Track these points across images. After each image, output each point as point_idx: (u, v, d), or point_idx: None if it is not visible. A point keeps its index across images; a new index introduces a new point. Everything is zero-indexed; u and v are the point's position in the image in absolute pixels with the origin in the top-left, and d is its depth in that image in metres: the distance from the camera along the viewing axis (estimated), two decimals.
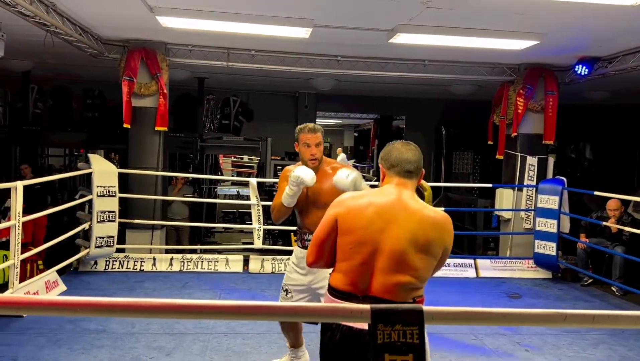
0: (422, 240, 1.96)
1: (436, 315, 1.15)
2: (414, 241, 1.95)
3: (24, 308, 1.34)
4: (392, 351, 1.12)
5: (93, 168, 5.51)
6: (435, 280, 6.52)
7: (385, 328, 1.11)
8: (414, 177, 2.09)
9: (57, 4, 4.99)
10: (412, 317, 1.12)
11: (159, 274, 5.82)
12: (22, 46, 6.55)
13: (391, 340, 1.11)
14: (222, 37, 6.08)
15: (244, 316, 1.14)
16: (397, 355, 1.12)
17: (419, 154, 2.13)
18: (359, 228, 1.99)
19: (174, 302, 1.18)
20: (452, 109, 10.83)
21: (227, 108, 10.38)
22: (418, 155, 2.13)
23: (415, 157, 2.11)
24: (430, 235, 1.98)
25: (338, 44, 6.46)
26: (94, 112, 9.99)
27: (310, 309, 1.17)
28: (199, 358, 3.67)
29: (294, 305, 1.12)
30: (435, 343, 4.00)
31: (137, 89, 6.36)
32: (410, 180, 2.07)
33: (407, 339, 1.12)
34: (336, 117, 16.67)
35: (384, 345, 1.12)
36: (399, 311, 1.12)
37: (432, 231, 1.99)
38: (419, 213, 2.00)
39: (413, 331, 1.12)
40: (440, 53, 6.60)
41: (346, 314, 1.14)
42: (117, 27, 5.97)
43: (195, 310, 1.21)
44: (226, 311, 1.14)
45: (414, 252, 1.94)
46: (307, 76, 8.14)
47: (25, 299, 1.47)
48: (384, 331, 1.12)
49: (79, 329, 4.02)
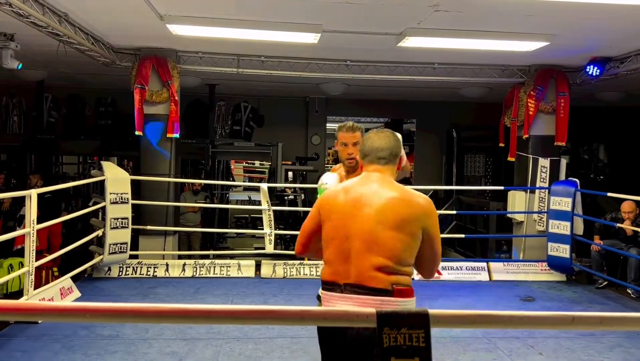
0: (391, 217, 1.95)
1: (442, 318, 1.15)
2: (383, 218, 1.95)
3: (39, 314, 1.36)
4: (398, 355, 1.12)
5: (106, 175, 5.57)
6: (447, 284, 6.51)
7: (391, 331, 1.12)
8: (389, 163, 2.13)
9: (69, 14, 5.07)
10: (418, 320, 1.12)
11: (171, 280, 5.87)
12: (36, 56, 6.66)
13: (397, 344, 1.12)
14: (232, 43, 6.13)
15: (251, 321, 1.16)
16: (403, 359, 1.12)
17: (391, 141, 2.16)
18: (334, 215, 2.04)
19: (185, 307, 1.20)
20: (462, 112, 10.78)
21: (238, 114, 10.43)
22: (390, 142, 2.15)
23: (388, 144, 2.14)
24: (402, 211, 1.97)
25: (347, 49, 6.48)
26: (107, 120, 10.10)
27: (317, 313, 1.18)
28: None
29: (299, 309, 1.13)
30: (448, 347, 3.98)
31: (148, 96, 6.42)
32: (385, 166, 2.11)
33: (413, 342, 1.12)
34: (347, 121, 16.66)
35: (390, 348, 1.12)
36: (404, 315, 1.13)
37: (405, 208, 1.98)
38: (391, 194, 2.01)
39: (419, 334, 1.12)
40: (450, 56, 6.59)
41: (352, 318, 1.15)
42: (129, 35, 6.04)
43: (206, 314, 1.23)
44: (232, 316, 1.16)
45: (383, 229, 1.94)
46: (316, 81, 8.16)
47: (39, 305, 1.50)
48: (390, 334, 1.12)
49: (93, 335, 4.06)
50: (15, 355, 3.69)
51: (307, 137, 11.32)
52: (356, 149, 3.02)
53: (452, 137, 11.45)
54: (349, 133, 3.09)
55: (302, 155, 10.92)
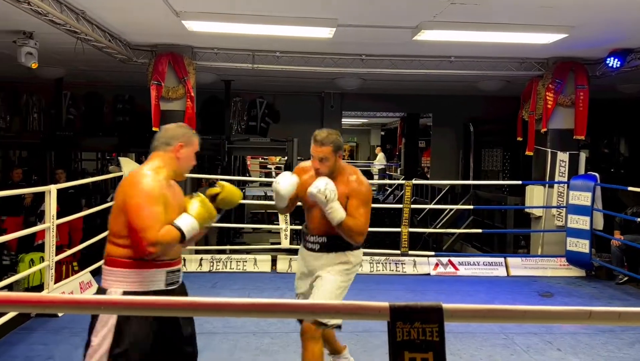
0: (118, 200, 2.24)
1: (456, 312, 1.14)
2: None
3: (59, 306, 1.38)
4: (411, 349, 1.11)
5: (124, 171, 5.63)
6: (463, 279, 6.46)
7: (405, 325, 1.11)
8: (158, 148, 2.35)
9: (86, 12, 5.12)
10: (432, 315, 1.11)
11: (188, 274, 5.86)
12: (54, 54, 6.75)
13: (410, 338, 1.11)
14: (247, 39, 6.14)
15: (265, 314, 1.16)
16: (416, 353, 1.11)
17: (165, 130, 2.41)
18: None
19: (201, 300, 1.20)
20: (480, 105, 10.68)
21: (254, 110, 10.48)
22: (164, 131, 2.40)
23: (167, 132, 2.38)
24: (119, 192, 2.24)
25: (362, 43, 6.45)
26: (125, 117, 10.22)
27: (330, 307, 1.18)
28: (228, 356, 3.72)
29: (312, 303, 1.13)
30: (465, 342, 3.96)
31: (165, 92, 6.47)
32: (154, 152, 2.34)
33: (426, 337, 1.11)
34: (362, 116, 16.65)
35: (403, 342, 1.12)
36: (417, 309, 1.12)
37: (120, 188, 2.25)
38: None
39: (433, 329, 1.12)
40: (466, 49, 6.52)
41: (365, 311, 1.15)
42: (145, 32, 6.09)
43: (222, 307, 1.23)
44: (247, 309, 1.16)
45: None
46: (332, 76, 8.15)
47: (60, 298, 1.52)
48: (403, 328, 1.12)
49: None
50: (36, 348, 3.76)
51: None
52: (323, 166, 2.81)
53: (469, 131, 11.35)
54: (317, 147, 2.81)
55: None
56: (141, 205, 2.12)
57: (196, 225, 2.23)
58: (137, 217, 2.11)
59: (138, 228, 2.11)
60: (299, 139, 9.92)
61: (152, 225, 2.10)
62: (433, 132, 12.16)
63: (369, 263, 6.17)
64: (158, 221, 2.12)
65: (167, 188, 2.25)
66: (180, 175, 2.39)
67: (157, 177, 2.22)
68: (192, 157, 2.38)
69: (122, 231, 2.17)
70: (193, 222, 2.22)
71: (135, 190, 2.15)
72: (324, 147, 2.80)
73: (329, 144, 2.81)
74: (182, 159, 2.33)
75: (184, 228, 2.17)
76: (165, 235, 2.12)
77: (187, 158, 2.35)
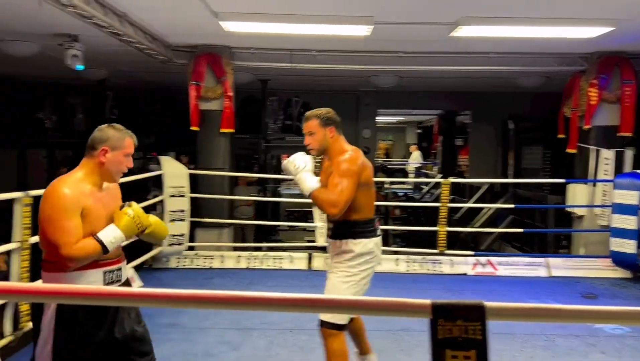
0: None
1: (499, 311, 1.13)
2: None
3: (107, 299, 1.42)
4: (453, 347, 1.11)
5: (164, 169, 5.77)
6: (502, 279, 6.35)
7: (446, 323, 1.11)
8: (86, 153, 2.28)
9: (128, 14, 5.27)
10: (474, 312, 1.10)
11: (227, 271, 6.01)
12: (98, 56, 6.96)
13: (452, 336, 1.11)
14: (284, 39, 6.19)
15: (304, 309, 1.17)
16: (458, 351, 1.11)
17: (95, 132, 2.32)
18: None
19: (241, 294, 1.23)
20: (519, 102, 10.44)
21: (290, 109, 10.55)
22: (94, 133, 2.32)
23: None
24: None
25: (399, 40, 6.41)
26: (165, 116, 10.45)
27: (370, 303, 1.18)
28: (266, 353, 3.76)
29: (352, 299, 1.14)
30: (505, 343, 3.89)
31: (203, 92, 6.59)
32: (83, 157, 2.30)
33: (469, 335, 1.10)
34: (398, 114, 16.53)
35: (445, 340, 1.11)
36: (459, 307, 1.11)
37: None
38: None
39: (475, 327, 1.11)
40: (506, 44, 6.39)
41: (406, 308, 1.15)
42: (185, 33, 6.21)
43: (261, 302, 1.26)
44: (286, 304, 1.18)
45: None
46: (368, 74, 8.12)
47: (108, 291, 1.58)
48: (445, 326, 1.11)
49: (153, 323, 4.19)
50: None
51: (357, 130, 11.30)
52: (312, 139, 2.87)
53: (508, 129, 11.11)
54: (304, 123, 2.91)
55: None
56: (53, 220, 2.10)
57: (119, 235, 2.20)
58: (50, 233, 2.10)
59: (52, 243, 2.10)
60: None
61: (66, 241, 2.08)
62: (471, 129, 11.96)
63: (405, 263, 6.13)
64: (72, 235, 2.09)
65: (87, 196, 2.19)
66: (110, 179, 2.31)
67: (74, 186, 2.16)
68: (120, 160, 2.28)
69: (47, 239, 2.17)
70: (116, 232, 2.19)
71: (48, 205, 2.13)
72: (309, 121, 2.88)
73: (314, 117, 2.87)
74: (108, 163, 2.25)
75: (105, 240, 2.16)
76: (82, 249, 2.12)
77: (114, 163, 2.27)
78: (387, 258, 6.24)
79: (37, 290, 1.36)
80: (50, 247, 2.13)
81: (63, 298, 1.51)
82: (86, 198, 2.18)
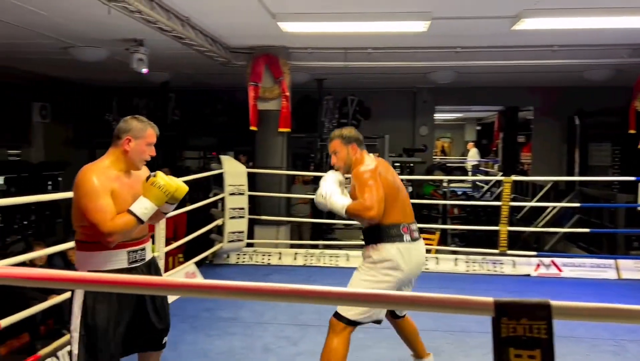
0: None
1: (566, 310, 1.09)
2: None
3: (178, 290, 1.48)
4: (517, 346, 1.08)
5: (224, 168, 5.93)
6: (567, 281, 6.08)
7: (510, 321, 1.09)
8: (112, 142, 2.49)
9: (190, 18, 5.45)
10: (539, 311, 1.07)
11: (284, 267, 6.11)
12: (161, 59, 7.24)
13: (516, 334, 1.08)
14: (340, 37, 6.21)
15: (362, 303, 1.18)
16: (523, 350, 1.08)
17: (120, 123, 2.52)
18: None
19: (301, 287, 1.25)
20: (586, 97, 9.97)
21: (345, 108, 10.56)
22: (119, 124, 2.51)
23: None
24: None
25: (457, 35, 6.28)
26: (224, 117, 10.73)
27: (430, 299, 1.18)
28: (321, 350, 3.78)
29: (411, 295, 1.14)
30: (570, 347, 3.74)
31: (261, 93, 6.72)
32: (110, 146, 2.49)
33: (534, 334, 1.08)
34: (457, 111, 16.18)
35: (508, 338, 1.09)
36: (524, 305, 1.09)
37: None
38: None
39: (540, 326, 1.08)
40: (571, 37, 6.12)
41: (468, 306, 1.13)
42: (243, 35, 6.36)
43: (321, 295, 1.28)
44: (345, 298, 1.19)
45: None
46: (424, 70, 8.01)
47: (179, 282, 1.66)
48: (509, 325, 1.09)
49: (215, 317, 4.35)
50: None
51: (414, 128, 11.16)
52: (336, 158, 3.01)
53: (574, 125, 10.64)
54: (328, 144, 3.08)
55: (409, 147, 10.78)
56: (86, 203, 2.28)
57: (149, 205, 2.36)
58: (88, 214, 2.28)
59: (92, 224, 2.28)
60: (390, 135, 9.87)
61: (101, 219, 2.27)
62: (534, 125, 11.54)
63: (464, 263, 6.01)
64: (106, 212, 2.28)
65: (114, 180, 2.37)
66: (134, 166, 2.49)
67: (100, 172, 2.35)
68: (142, 149, 2.47)
69: (78, 220, 2.37)
70: (145, 202, 2.35)
71: (79, 191, 2.32)
72: (332, 142, 3.03)
73: (336, 138, 3.02)
74: (131, 152, 2.44)
75: (137, 211, 2.33)
76: (117, 224, 2.29)
77: (137, 151, 2.45)
78: (446, 258, 6.14)
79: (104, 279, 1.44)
80: (86, 228, 2.33)
81: (137, 288, 1.59)
82: (112, 182, 2.37)
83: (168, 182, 2.42)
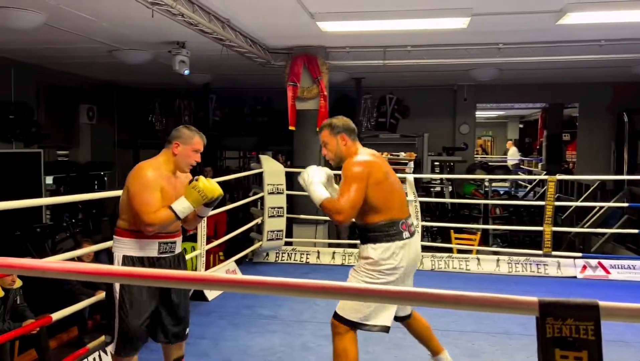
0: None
1: (615, 311, 1.06)
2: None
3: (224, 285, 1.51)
4: (563, 347, 1.05)
5: (264, 168, 5.99)
6: (616, 284, 5.89)
7: (556, 322, 1.06)
8: (165, 145, 2.78)
9: (230, 20, 5.53)
10: (586, 312, 1.04)
11: (322, 266, 6.13)
12: (202, 61, 7.38)
13: (562, 335, 1.05)
14: (378, 36, 6.18)
15: (404, 301, 1.17)
16: (569, 351, 1.05)
17: (173, 131, 2.79)
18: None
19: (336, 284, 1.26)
20: (635, 93, 9.59)
21: (383, 107, 10.50)
22: (173, 131, 2.79)
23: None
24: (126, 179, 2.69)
25: (499, 31, 6.15)
26: (263, 117, 10.84)
27: (474, 298, 1.16)
28: (361, 348, 3.75)
29: (453, 294, 1.12)
30: (617, 352, 3.62)
31: (300, 93, 6.76)
32: (164, 148, 2.79)
33: (580, 335, 1.05)
34: (498, 108, 15.85)
35: (553, 339, 1.06)
36: (570, 305, 1.06)
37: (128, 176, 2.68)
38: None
39: (587, 327, 1.05)
40: (620, 31, 5.90)
41: (511, 305, 1.11)
42: (282, 36, 6.41)
43: (360, 292, 1.28)
44: (386, 296, 1.19)
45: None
46: (465, 68, 7.87)
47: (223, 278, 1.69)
48: (554, 325, 1.06)
49: (255, 314, 4.41)
50: (190, 328, 4.15)
51: (454, 126, 10.98)
52: (326, 150, 2.90)
53: (623, 122, 10.24)
54: (319, 135, 2.98)
55: (449, 145, 10.62)
56: (137, 193, 2.57)
57: (187, 205, 2.61)
58: (135, 203, 2.57)
59: (136, 213, 2.56)
60: (429, 134, 9.74)
61: (146, 210, 2.54)
62: (580, 123, 11.17)
63: (506, 264, 5.88)
64: (151, 205, 2.55)
65: (164, 178, 2.66)
66: (180, 169, 2.75)
67: (155, 169, 2.64)
68: (188, 154, 2.72)
69: (125, 209, 2.65)
70: (184, 202, 2.61)
71: (134, 181, 2.61)
72: (321, 133, 2.94)
73: (325, 128, 2.90)
74: (179, 155, 2.71)
75: (176, 209, 2.59)
76: (157, 217, 2.56)
77: (183, 155, 2.71)
78: (487, 258, 6.02)
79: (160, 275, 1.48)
80: (136, 217, 2.58)
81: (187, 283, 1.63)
82: (162, 180, 2.65)
83: (207, 186, 2.66)
